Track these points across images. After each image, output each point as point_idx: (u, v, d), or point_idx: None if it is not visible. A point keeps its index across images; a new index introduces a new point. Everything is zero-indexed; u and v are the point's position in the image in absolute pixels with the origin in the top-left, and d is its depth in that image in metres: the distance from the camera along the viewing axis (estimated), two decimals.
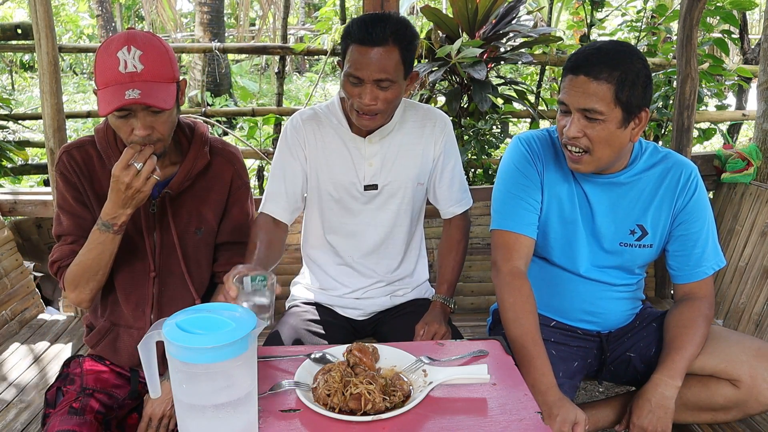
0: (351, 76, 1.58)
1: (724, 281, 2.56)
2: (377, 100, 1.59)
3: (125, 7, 14.66)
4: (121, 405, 1.59)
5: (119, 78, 1.34)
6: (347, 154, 1.77)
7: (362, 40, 1.54)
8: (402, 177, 1.79)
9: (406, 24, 1.59)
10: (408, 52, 1.59)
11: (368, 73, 1.55)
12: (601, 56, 1.47)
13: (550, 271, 1.76)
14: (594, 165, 1.56)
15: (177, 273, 1.59)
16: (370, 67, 1.55)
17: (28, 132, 6.12)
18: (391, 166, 1.78)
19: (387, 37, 1.54)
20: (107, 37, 1.44)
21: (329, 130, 1.77)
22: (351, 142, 1.76)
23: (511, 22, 3.64)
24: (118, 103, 1.32)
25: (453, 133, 1.86)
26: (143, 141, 1.39)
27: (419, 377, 1.29)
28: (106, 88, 1.35)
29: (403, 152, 1.78)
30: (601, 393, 2.68)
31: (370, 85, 1.57)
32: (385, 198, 1.81)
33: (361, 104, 1.60)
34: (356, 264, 1.87)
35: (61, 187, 1.55)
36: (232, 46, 4.65)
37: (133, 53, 1.35)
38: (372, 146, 1.76)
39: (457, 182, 1.87)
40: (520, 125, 5.64)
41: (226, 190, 1.62)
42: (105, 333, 1.63)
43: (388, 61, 1.55)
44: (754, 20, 10.42)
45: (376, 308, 1.91)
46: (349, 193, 1.79)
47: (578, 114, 1.50)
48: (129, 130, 1.39)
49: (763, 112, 2.73)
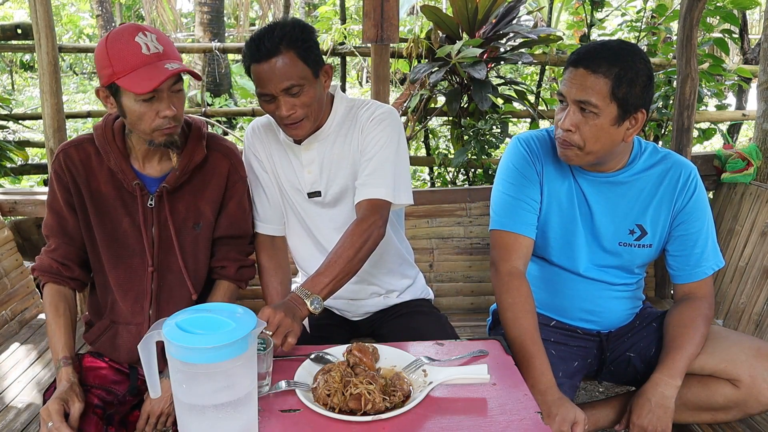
0: (261, 96, 1.57)
1: (724, 281, 2.56)
2: (295, 108, 1.56)
3: (125, 7, 14.66)
4: (122, 401, 1.59)
5: (147, 59, 1.38)
6: (289, 163, 1.74)
7: (257, 58, 1.53)
8: (343, 181, 1.71)
9: (293, 24, 1.56)
10: (306, 50, 1.55)
11: (273, 86, 1.53)
12: (603, 51, 1.48)
13: (550, 270, 1.76)
14: (583, 159, 1.57)
15: (175, 268, 1.59)
16: (273, 80, 1.52)
17: (28, 132, 6.13)
18: (330, 171, 1.71)
19: (277, 45, 1.51)
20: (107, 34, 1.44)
21: (276, 138, 1.76)
22: (290, 149, 1.74)
23: (511, 22, 3.64)
24: (163, 75, 1.37)
25: (391, 124, 1.67)
26: (169, 123, 1.44)
27: (419, 377, 1.29)
28: (134, 71, 1.38)
29: (344, 155, 1.71)
30: (601, 393, 2.68)
31: (282, 97, 1.54)
32: (333, 204, 1.74)
33: (282, 117, 1.58)
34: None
35: (54, 186, 1.57)
36: (232, 46, 4.65)
37: (150, 37, 1.41)
38: (308, 153, 1.71)
39: (373, 166, 1.64)
40: (520, 125, 5.65)
41: (223, 184, 1.63)
42: (104, 330, 1.63)
43: (287, 68, 1.52)
44: (754, 20, 10.42)
45: (370, 308, 1.90)
46: (299, 200, 1.76)
47: (574, 106, 1.50)
48: (154, 114, 1.43)
49: (763, 112, 2.73)
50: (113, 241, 1.57)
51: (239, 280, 1.70)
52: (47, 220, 1.60)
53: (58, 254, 1.58)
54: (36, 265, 1.59)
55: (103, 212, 1.56)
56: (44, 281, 1.59)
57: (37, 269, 1.59)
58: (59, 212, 1.58)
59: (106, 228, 1.56)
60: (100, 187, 1.55)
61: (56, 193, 1.57)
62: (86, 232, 1.58)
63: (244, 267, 1.69)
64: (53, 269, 1.57)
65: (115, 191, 1.55)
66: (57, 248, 1.58)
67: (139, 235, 1.56)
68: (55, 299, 1.56)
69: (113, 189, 1.55)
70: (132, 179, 1.53)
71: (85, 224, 1.58)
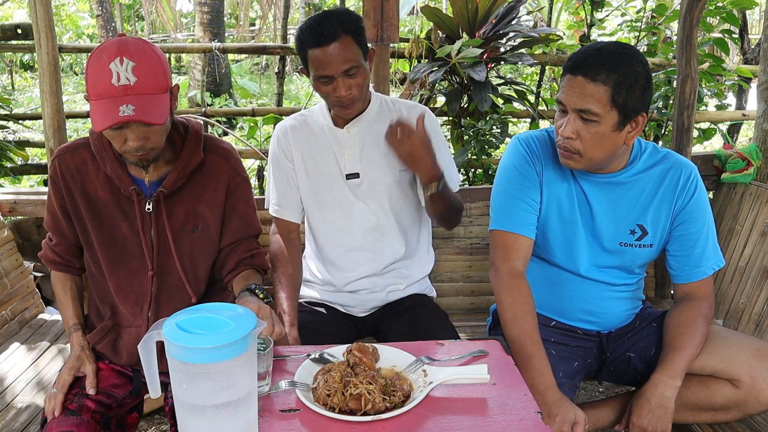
0: (321, 77, 1.68)
1: (724, 281, 2.56)
2: (351, 88, 1.70)
3: (125, 7, 14.66)
4: (121, 404, 1.59)
5: (112, 91, 1.33)
6: (330, 147, 1.86)
7: (318, 42, 1.64)
8: (381, 163, 1.84)
9: (348, 12, 1.71)
10: (360, 35, 1.69)
11: (335, 68, 1.65)
12: (600, 57, 1.47)
13: (550, 271, 1.76)
14: (585, 164, 1.57)
15: (174, 272, 1.59)
16: (335, 62, 1.65)
17: (28, 132, 6.12)
18: (371, 154, 1.84)
19: (337, 30, 1.64)
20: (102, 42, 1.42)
21: (315, 128, 1.88)
22: (332, 134, 1.86)
23: (511, 22, 3.64)
24: (112, 120, 1.32)
25: (436, 123, 1.88)
26: (137, 151, 1.40)
27: (419, 377, 1.29)
28: (99, 100, 1.34)
29: (378, 139, 1.80)
30: (601, 393, 2.68)
31: (341, 78, 1.67)
32: (368, 186, 1.85)
33: (339, 97, 1.70)
34: (345, 257, 1.89)
35: (50, 190, 1.60)
36: (232, 46, 4.65)
37: (125, 65, 1.33)
38: (350, 136, 1.84)
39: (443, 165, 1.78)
40: (520, 125, 5.64)
41: (224, 188, 1.61)
42: (107, 332, 1.63)
43: (347, 51, 1.65)
44: (754, 20, 10.42)
45: (376, 303, 1.92)
46: (334, 183, 1.86)
47: (574, 114, 1.50)
48: (122, 140, 1.39)
49: (763, 112, 2.73)
50: (112, 245, 1.57)
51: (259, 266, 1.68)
52: (46, 217, 1.65)
53: (59, 249, 1.65)
54: (41, 253, 1.68)
55: (100, 217, 1.56)
56: (50, 268, 1.69)
57: (42, 257, 1.68)
58: (54, 214, 1.61)
59: (104, 232, 1.56)
60: (97, 192, 1.55)
61: (52, 197, 1.60)
62: (83, 236, 1.59)
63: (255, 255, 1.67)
64: (56, 261, 1.66)
65: (112, 196, 1.55)
66: (57, 244, 1.65)
67: (137, 239, 1.55)
68: (61, 278, 1.68)
69: (110, 194, 1.54)
70: (128, 184, 1.52)
71: (82, 229, 1.58)
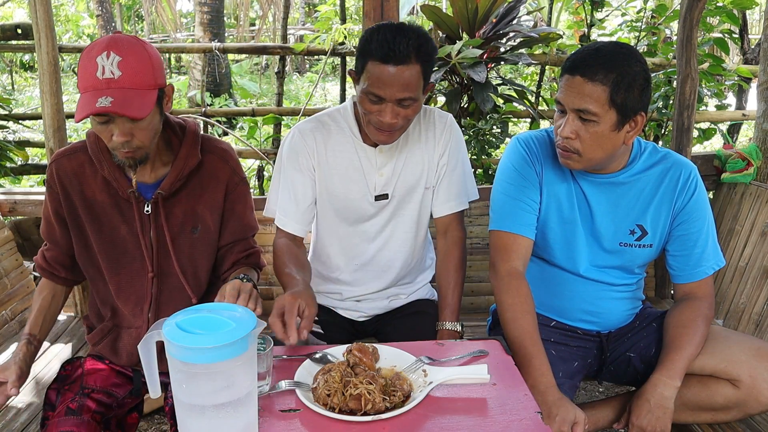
0: (372, 94, 1.51)
1: (724, 281, 2.56)
2: (398, 118, 1.53)
3: (125, 7, 14.65)
4: (121, 404, 1.59)
5: (96, 84, 1.33)
6: (358, 165, 1.71)
7: (384, 58, 1.46)
8: (411, 183, 1.75)
9: (426, 38, 1.51)
10: (429, 66, 1.52)
11: (391, 92, 1.48)
12: (598, 57, 1.46)
13: (550, 271, 1.76)
14: (584, 164, 1.57)
15: (173, 273, 1.59)
16: (393, 87, 1.47)
17: (28, 132, 6.13)
18: (401, 174, 1.74)
19: (410, 54, 1.46)
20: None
21: (338, 139, 1.71)
22: (361, 151, 1.71)
23: (511, 22, 3.65)
24: (89, 110, 1.31)
25: (458, 131, 1.80)
26: (123, 147, 1.39)
27: (419, 377, 1.29)
28: (84, 93, 1.35)
29: (410, 158, 1.74)
30: (601, 393, 2.68)
31: (392, 104, 1.51)
32: (394, 206, 1.77)
33: (381, 122, 1.54)
34: (354, 272, 1.84)
35: (47, 195, 1.60)
36: (232, 46, 4.65)
37: (112, 59, 1.33)
38: (382, 156, 1.71)
39: (455, 182, 1.80)
40: (520, 125, 5.64)
41: (223, 188, 1.61)
42: (107, 333, 1.64)
43: (410, 79, 1.48)
44: (754, 20, 10.42)
45: (377, 311, 1.91)
46: (359, 203, 1.75)
47: (573, 114, 1.50)
48: (109, 135, 1.39)
49: (763, 112, 2.73)
50: (112, 248, 1.57)
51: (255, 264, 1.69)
52: (41, 223, 1.65)
53: (48, 255, 1.64)
54: (36, 258, 1.68)
55: (99, 220, 1.56)
56: (39, 274, 1.69)
57: (35, 260, 1.68)
58: (48, 219, 1.61)
59: (103, 235, 1.56)
60: (95, 196, 1.55)
61: (48, 202, 1.59)
62: (80, 240, 1.58)
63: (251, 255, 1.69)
64: (43, 266, 1.66)
65: (111, 199, 1.54)
66: (48, 249, 1.65)
67: (137, 241, 1.56)
68: (42, 285, 1.67)
69: (108, 197, 1.54)
70: (126, 187, 1.52)
71: (79, 233, 1.58)
